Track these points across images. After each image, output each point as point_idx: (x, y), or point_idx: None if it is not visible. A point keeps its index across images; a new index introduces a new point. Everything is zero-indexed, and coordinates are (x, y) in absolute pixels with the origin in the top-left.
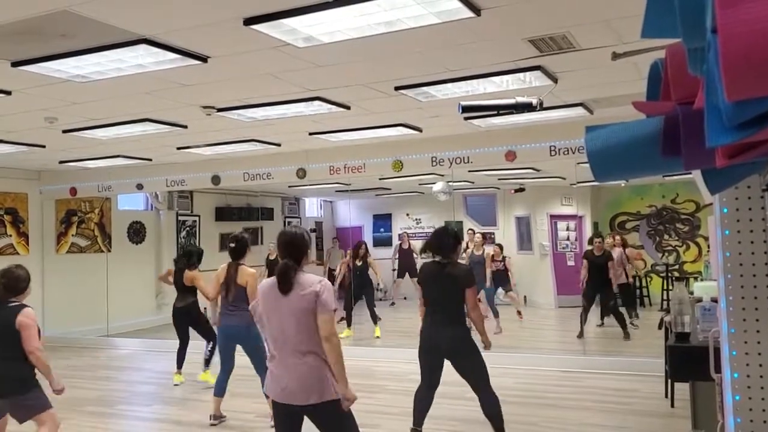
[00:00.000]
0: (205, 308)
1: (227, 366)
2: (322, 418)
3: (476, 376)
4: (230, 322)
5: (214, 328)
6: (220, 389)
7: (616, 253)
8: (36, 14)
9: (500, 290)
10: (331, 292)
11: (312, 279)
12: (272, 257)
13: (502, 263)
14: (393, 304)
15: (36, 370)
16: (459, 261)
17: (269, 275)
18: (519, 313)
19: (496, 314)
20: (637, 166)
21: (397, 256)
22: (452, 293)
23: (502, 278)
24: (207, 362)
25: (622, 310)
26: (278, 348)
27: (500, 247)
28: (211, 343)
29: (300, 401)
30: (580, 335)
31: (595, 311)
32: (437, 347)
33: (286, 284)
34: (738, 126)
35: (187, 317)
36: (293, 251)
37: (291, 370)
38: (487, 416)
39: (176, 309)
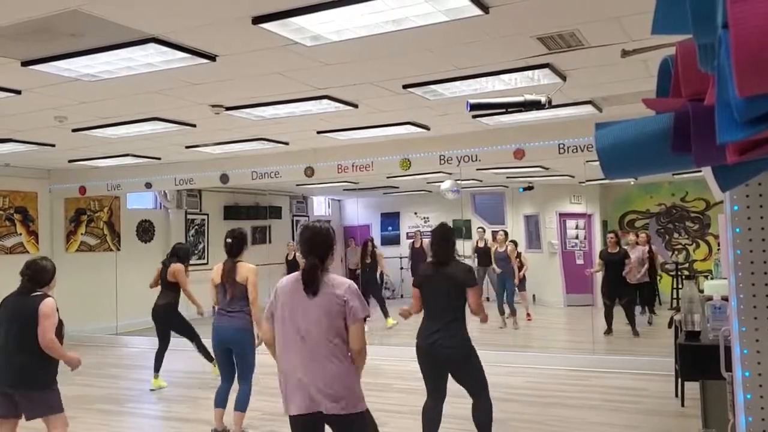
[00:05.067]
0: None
1: (228, 374)
2: (346, 430)
3: (474, 381)
4: (228, 324)
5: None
6: (221, 399)
7: (638, 251)
8: (46, 14)
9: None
10: (360, 298)
11: (339, 281)
12: (291, 257)
13: (517, 260)
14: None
15: (57, 369)
16: (458, 260)
17: (288, 274)
18: (528, 315)
19: (513, 312)
20: (647, 163)
21: (410, 255)
22: (450, 296)
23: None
24: (209, 357)
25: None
26: (295, 351)
27: (514, 243)
28: (195, 341)
29: (327, 409)
30: (608, 332)
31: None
32: (434, 354)
33: (312, 285)
34: (749, 122)
35: (166, 315)
36: (317, 248)
37: (316, 375)
38: (477, 424)
39: (156, 306)
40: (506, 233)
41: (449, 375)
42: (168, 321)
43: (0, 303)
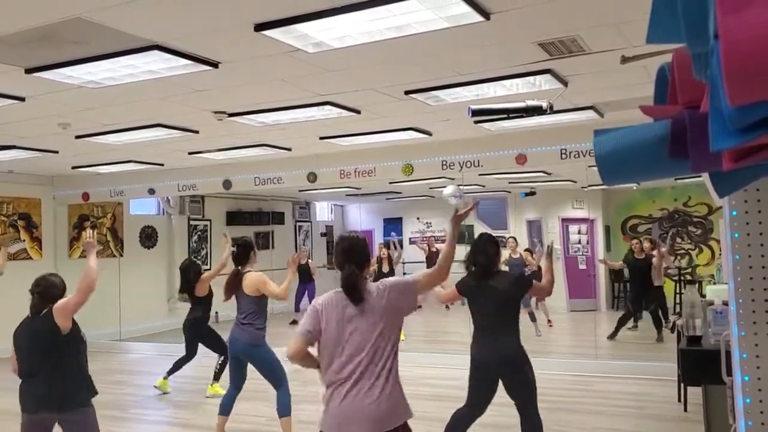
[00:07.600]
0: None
1: (236, 383)
2: None
3: (525, 395)
4: (239, 337)
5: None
6: (225, 408)
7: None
8: (49, 21)
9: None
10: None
11: (374, 285)
12: (303, 262)
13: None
14: (419, 307)
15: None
16: (503, 271)
17: (300, 281)
18: (549, 321)
19: (533, 319)
20: (645, 170)
21: (426, 259)
22: (500, 309)
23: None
24: (216, 375)
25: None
26: (351, 371)
27: (530, 252)
28: (223, 357)
29: (389, 426)
30: (612, 337)
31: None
32: (487, 362)
33: (356, 294)
34: (741, 130)
35: (193, 329)
36: (356, 257)
37: (377, 395)
38: None
39: (185, 320)
40: (515, 239)
41: (496, 391)
42: (194, 334)
43: (15, 330)
